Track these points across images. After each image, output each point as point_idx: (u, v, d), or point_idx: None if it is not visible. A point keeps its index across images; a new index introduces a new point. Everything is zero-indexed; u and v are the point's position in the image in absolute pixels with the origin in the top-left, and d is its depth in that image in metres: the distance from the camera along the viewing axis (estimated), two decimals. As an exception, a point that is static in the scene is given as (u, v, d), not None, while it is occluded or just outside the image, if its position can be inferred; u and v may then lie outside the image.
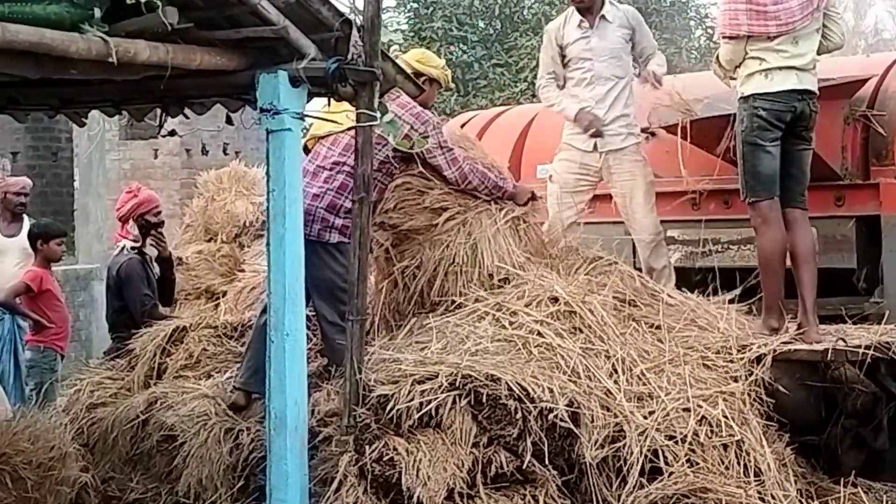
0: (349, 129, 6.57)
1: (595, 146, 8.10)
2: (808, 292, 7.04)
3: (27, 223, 10.19)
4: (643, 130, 8.12)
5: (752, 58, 6.93)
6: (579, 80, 8.30)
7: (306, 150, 7.17)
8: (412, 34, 21.19)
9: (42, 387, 9.18)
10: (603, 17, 8.15)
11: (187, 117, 7.14)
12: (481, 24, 21.71)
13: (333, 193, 7.00)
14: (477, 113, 10.76)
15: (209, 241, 9.99)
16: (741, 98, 6.95)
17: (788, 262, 7.06)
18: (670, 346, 6.76)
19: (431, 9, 21.62)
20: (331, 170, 7.09)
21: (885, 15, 28.15)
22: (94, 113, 7.58)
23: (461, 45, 21.32)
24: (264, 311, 6.67)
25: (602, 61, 8.20)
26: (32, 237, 9.96)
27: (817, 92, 7.02)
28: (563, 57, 8.36)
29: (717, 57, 7.16)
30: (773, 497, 6.03)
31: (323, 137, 7.21)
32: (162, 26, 5.20)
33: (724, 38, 7.03)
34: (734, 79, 7.14)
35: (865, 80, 7.49)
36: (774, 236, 6.94)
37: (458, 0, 21.73)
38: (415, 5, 21.92)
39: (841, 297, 7.40)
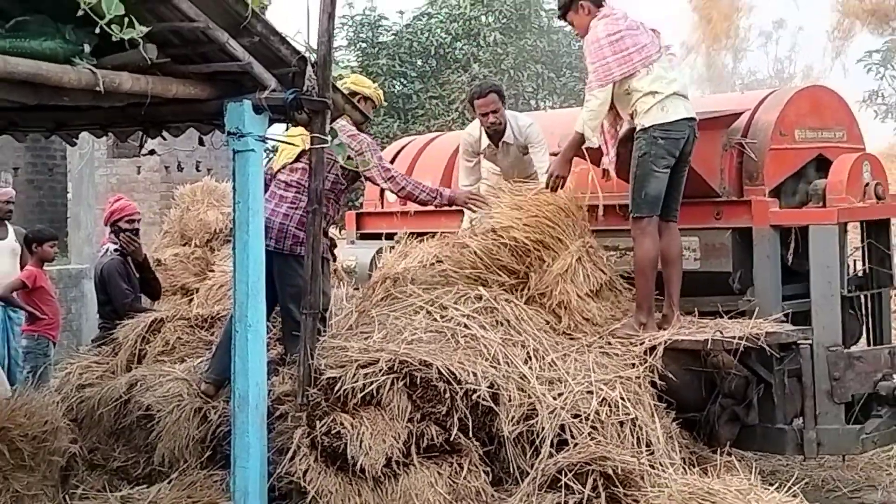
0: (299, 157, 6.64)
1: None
2: (674, 288, 7.16)
3: (10, 228, 10.08)
4: (553, 154, 8.12)
5: (648, 93, 6.96)
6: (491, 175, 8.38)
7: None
8: (361, 69, 21.17)
9: (37, 370, 9.13)
10: (505, 142, 8.12)
11: (165, 139, 7.11)
12: (419, 63, 21.75)
13: (301, 213, 6.97)
14: (414, 138, 10.75)
15: (184, 245, 9.99)
16: (641, 129, 6.95)
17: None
18: (577, 338, 6.79)
19: (377, 48, 21.65)
20: (297, 193, 7.08)
21: (759, 59, 28.64)
22: (84, 134, 7.51)
23: (402, 80, 21.39)
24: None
25: (509, 170, 8.16)
26: (28, 241, 9.98)
27: (697, 118, 7.11)
28: (478, 154, 8.37)
29: (583, 118, 7.13)
30: (661, 464, 6.07)
31: (279, 170, 7.20)
32: (143, 61, 5.15)
33: (595, 89, 7.06)
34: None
35: (740, 114, 7.56)
36: (650, 247, 6.98)
37: (400, 41, 21.80)
38: (363, 45, 21.92)
39: (719, 296, 7.46)
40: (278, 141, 6.49)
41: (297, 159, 7.01)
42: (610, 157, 7.30)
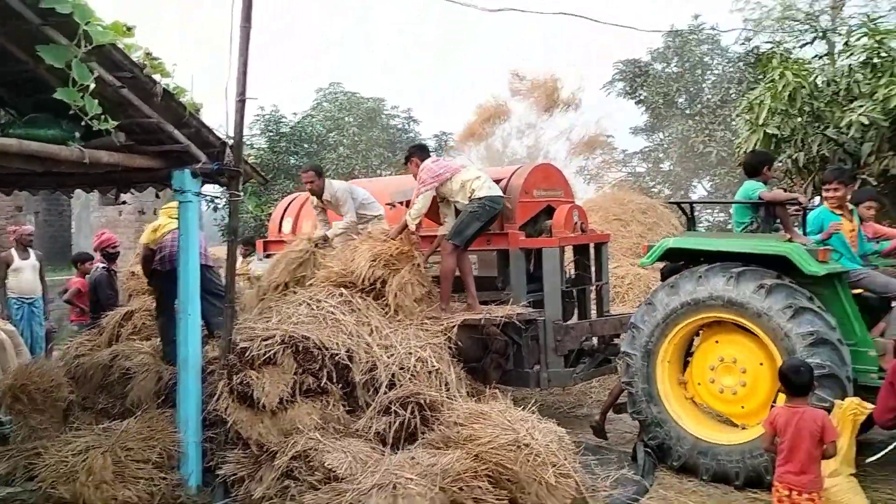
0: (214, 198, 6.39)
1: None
2: (472, 290, 7.18)
3: (32, 252, 9.52)
4: (387, 204, 8.07)
5: (475, 178, 7.05)
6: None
7: None
8: (268, 149, 20.79)
9: None
10: (325, 199, 7.87)
11: (133, 193, 6.82)
12: (306, 145, 21.48)
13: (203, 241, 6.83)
14: (301, 193, 10.52)
15: (150, 262, 9.56)
16: (477, 199, 6.97)
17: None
18: (403, 318, 6.74)
19: (279, 136, 21.28)
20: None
21: (518, 145, 29.57)
22: (78, 190, 7.14)
23: (295, 156, 21.05)
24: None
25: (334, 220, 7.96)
26: (75, 260, 9.84)
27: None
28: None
29: (409, 213, 7.08)
30: (453, 396, 6.07)
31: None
32: (115, 143, 4.96)
33: (420, 196, 7.03)
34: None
35: (502, 179, 7.67)
36: (451, 264, 7.01)
37: (294, 131, 21.53)
38: (270, 133, 21.51)
39: (490, 292, 7.54)
40: (205, 196, 6.24)
41: None
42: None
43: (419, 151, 7.48)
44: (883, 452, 5.20)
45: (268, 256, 9.55)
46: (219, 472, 5.61)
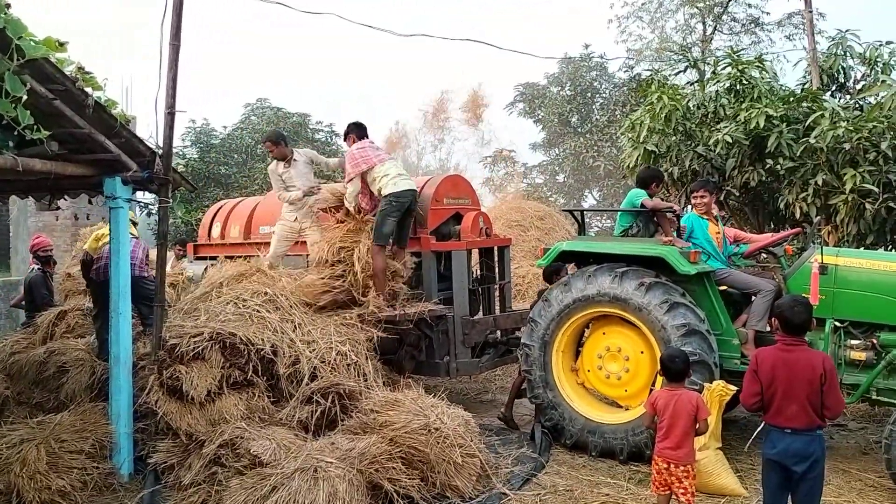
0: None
1: (296, 219, 7.57)
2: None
3: None
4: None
5: (384, 176, 6.87)
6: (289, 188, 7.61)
7: None
8: (199, 159, 20.15)
9: None
10: (294, 160, 7.53)
11: (66, 199, 6.49)
12: (235, 156, 20.89)
13: (142, 253, 6.59)
14: (229, 200, 10.24)
15: (85, 264, 9.10)
16: (384, 196, 6.80)
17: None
18: (326, 315, 6.61)
19: (210, 147, 20.66)
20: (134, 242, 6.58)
21: (431, 158, 29.66)
22: (14, 196, 6.75)
23: (225, 166, 20.41)
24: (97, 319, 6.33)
25: (295, 182, 7.52)
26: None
27: (417, 189, 7.10)
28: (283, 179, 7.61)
29: (345, 196, 7.05)
30: (370, 386, 6.00)
31: None
32: (48, 152, 4.69)
33: (349, 179, 6.97)
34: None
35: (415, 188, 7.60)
36: (381, 262, 6.79)
37: (224, 143, 20.94)
38: (201, 145, 20.86)
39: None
40: (137, 202, 5.98)
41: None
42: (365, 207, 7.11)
43: (356, 129, 7.22)
44: (752, 439, 5.42)
45: (198, 259, 9.28)
46: (150, 461, 5.41)
